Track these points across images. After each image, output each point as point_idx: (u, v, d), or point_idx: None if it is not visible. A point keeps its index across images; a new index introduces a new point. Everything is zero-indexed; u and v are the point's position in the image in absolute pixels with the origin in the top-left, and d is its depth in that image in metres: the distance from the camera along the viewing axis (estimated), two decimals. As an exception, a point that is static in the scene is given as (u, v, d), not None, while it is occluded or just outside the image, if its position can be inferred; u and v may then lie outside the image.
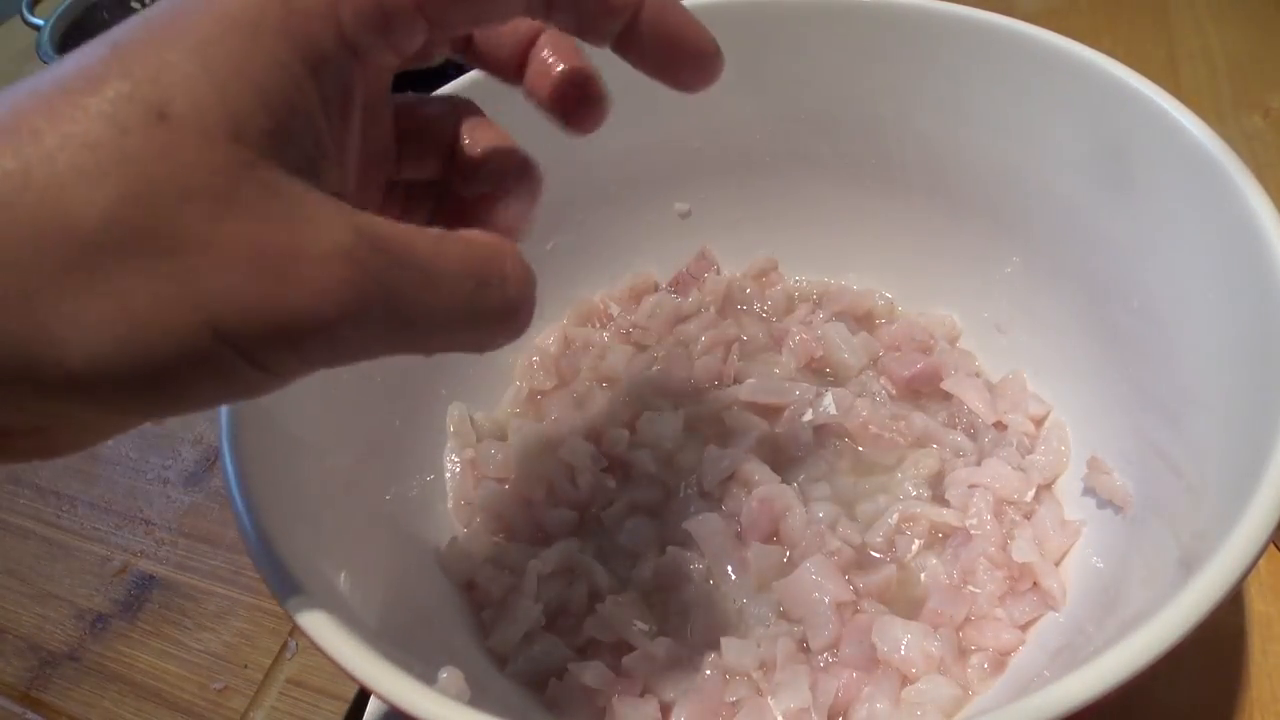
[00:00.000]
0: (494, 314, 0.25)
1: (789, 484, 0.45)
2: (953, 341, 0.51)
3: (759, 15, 0.47)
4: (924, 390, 0.49)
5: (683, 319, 0.55)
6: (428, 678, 0.28)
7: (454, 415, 0.49)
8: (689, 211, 0.56)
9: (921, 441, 0.47)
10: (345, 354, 0.22)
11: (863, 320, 0.53)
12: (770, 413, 0.49)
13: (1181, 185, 0.36)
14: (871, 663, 0.38)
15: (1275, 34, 0.75)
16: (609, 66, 0.52)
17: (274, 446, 0.35)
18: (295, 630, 0.51)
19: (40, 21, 0.81)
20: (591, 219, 0.54)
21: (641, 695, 0.39)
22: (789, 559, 0.43)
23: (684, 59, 0.28)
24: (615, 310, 0.55)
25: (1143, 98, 0.37)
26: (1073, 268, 0.44)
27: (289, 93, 0.21)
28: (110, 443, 0.65)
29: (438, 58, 0.30)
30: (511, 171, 0.31)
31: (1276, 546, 0.45)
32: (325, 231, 0.21)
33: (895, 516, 0.43)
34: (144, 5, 0.90)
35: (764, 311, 0.55)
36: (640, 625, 0.41)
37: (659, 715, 0.38)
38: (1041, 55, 0.40)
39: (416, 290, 0.22)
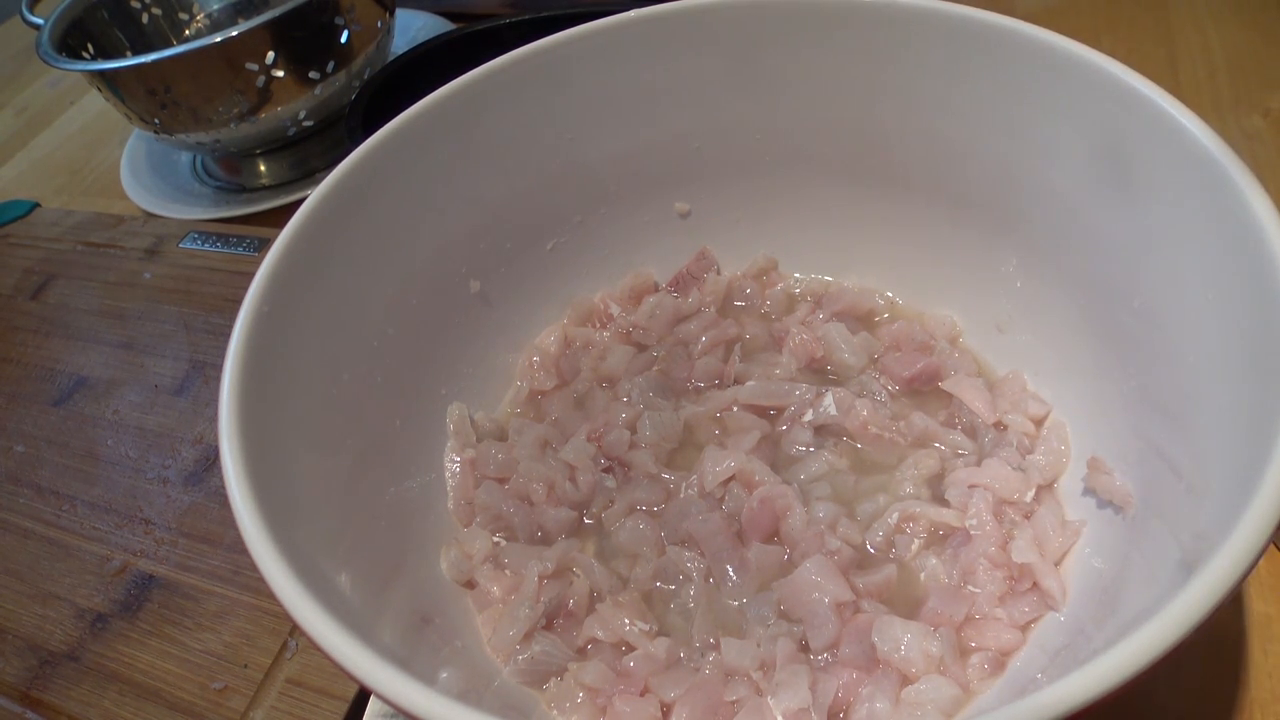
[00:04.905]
0: None
1: (789, 484, 0.45)
2: (953, 341, 0.51)
3: (759, 15, 0.47)
4: (924, 390, 0.49)
5: (683, 319, 0.55)
6: (428, 678, 0.28)
7: (454, 415, 0.50)
8: (689, 211, 0.56)
9: (921, 441, 0.47)
10: None
11: (863, 320, 0.53)
12: (770, 413, 0.49)
13: (1181, 185, 0.36)
14: (871, 662, 0.38)
15: (1275, 34, 0.75)
16: (612, 66, 0.52)
17: (274, 446, 0.36)
18: (295, 630, 0.51)
19: (40, 21, 0.81)
20: (591, 219, 0.54)
21: (641, 695, 0.39)
22: (789, 559, 0.43)
23: None
24: (615, 310, 0.55)
25: (1143, 98, 0.37)
26: (1073, 268, 0.44)
27: None
28: (110, 442, 0.65)
29: None
30: None
31: (1277, 547, 0.45)
32: None
33: (895, 516, 0.43)
34: (144, 5, 0.90)
35: (764, 311, 0.55)
36: (640, 625, 0.41)
37: (659, 715, 0.38)
38: (1041, 55, 0.40)
39: None
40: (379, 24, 0.83)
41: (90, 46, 0.84)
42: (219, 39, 0.70)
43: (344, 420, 0.42)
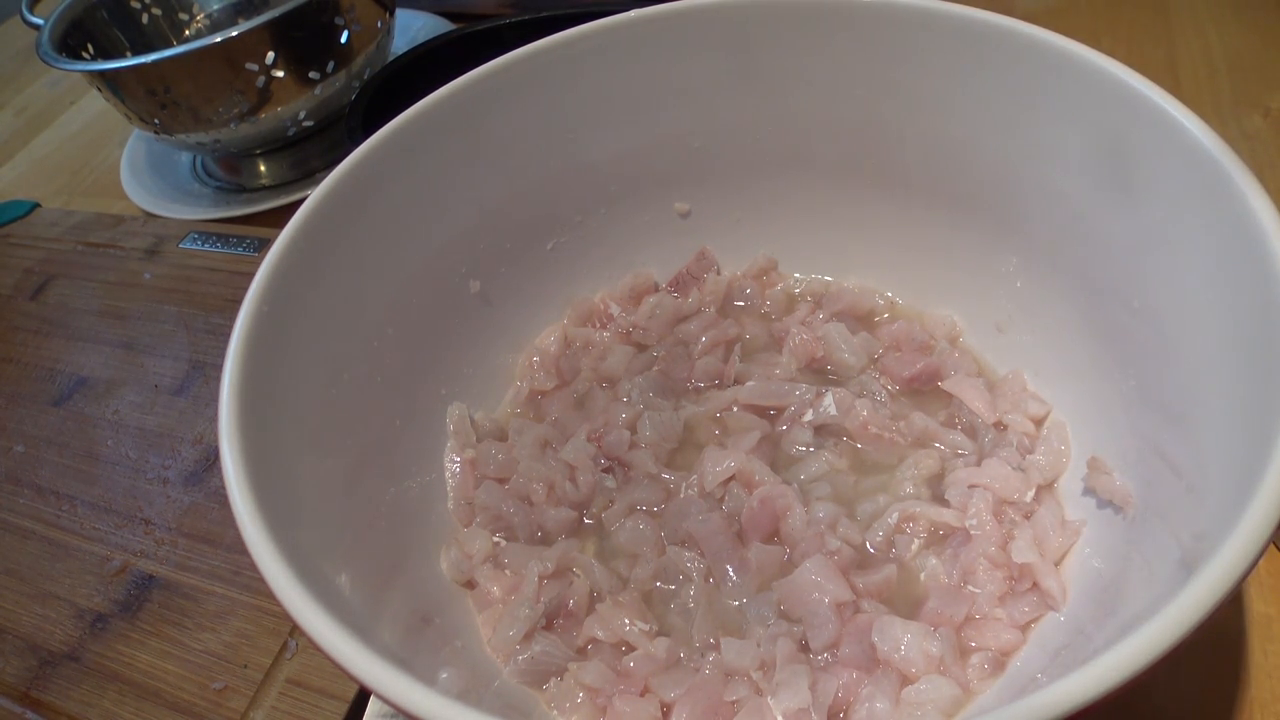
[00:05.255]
0: None
1: (789, 484, 0.45)
2: (953, 341, 0.51)
3: (759, 16, 0.47)
4: (924, 390, 0.49)
5: (683, 319, 0.55)
6: (428, 678, 0.28)
7: (454, 415, 0.50)
8: (689, 211, 0.56)
9: (921, 441, 0.47)
10: None
11: (863, 320, 0.53)
12: (770, 413, 0.49)
13: (1181, 185, 0.36)
14: (871, 663, 0.38)
15: (1275, 35, 0.75)
16: (612, 66, 0.52)
17: (274, 446, 0.36)
18: (295, 630, 0.51)
19: (40, 21, 0.81)
20: (591, 219, 0.54)
21: (641, 695, 0.39)
22: (789, 559, 0.43)
23: None
24: (615, 310, 0.55)
25: (1143, 98, 0.37)
26: (1073, 268, 0.44)
27: None
28: (110, 442, 0.65)
29: None
30: None
31: (1277, 547, 0.45)
32: None
33: (895, 516, 0.43)
34: (144, 5, 0.90)
35: (764, 311, 0.55)
36: (640, 625, 0.41)
37: (659, 715, 0.38)
38: (1041, 55, 0.40)
39: None
40: (379, 24, 0.83)
41: (90, 46, 0.84)
42: (219, 39, 0.70)
43: (344, 420, 0.42)
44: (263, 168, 0.87)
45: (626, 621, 0.41)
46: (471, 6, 0.99)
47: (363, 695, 0.47)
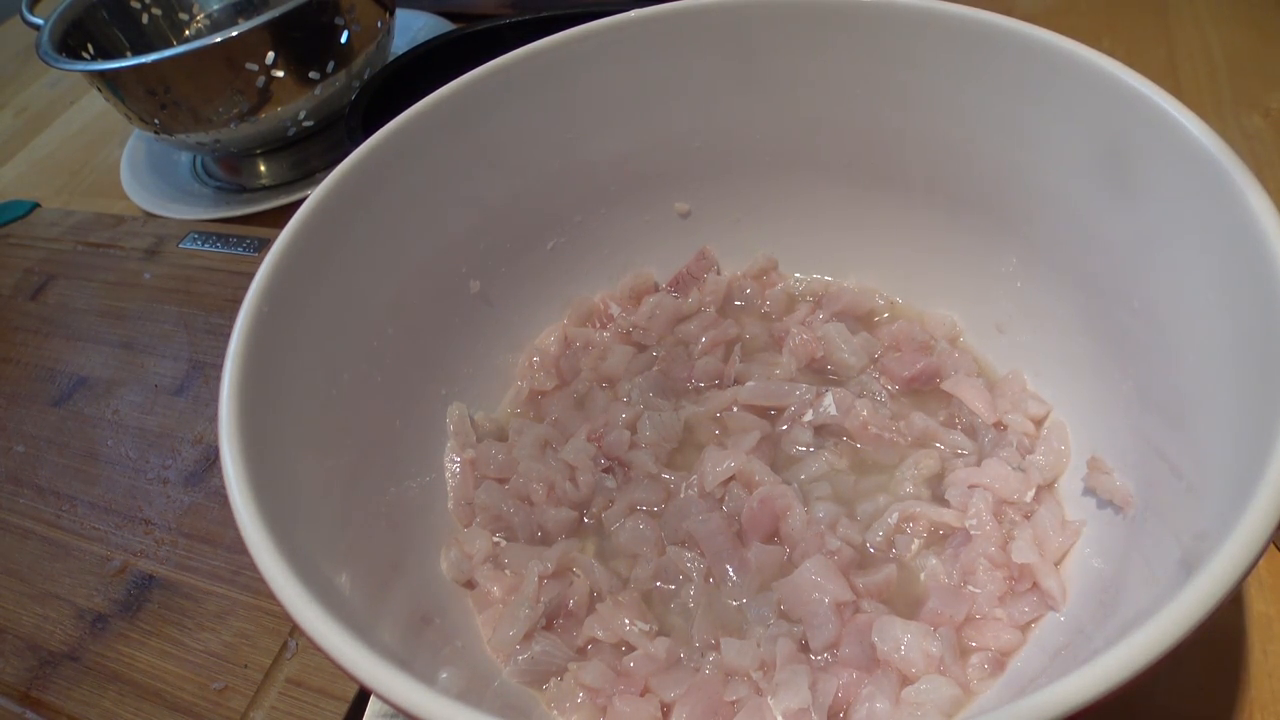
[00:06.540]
0: None
1: (789, 484, 0.45)
2: (953, 341, 0.51)
3: (759, 16, 0.47)
4: (924, 390, 0.49)
5: (683, 319, 0.55)
6: (428, 678, 0.28)
7: (454, 415, 0.50)
8: (689, 211, 0.56)
9: (921, 441, 0.47)
10: None
11: (863, 320, 0.53)
12: (770, 413, 0.49)
13: (1182, 185, 0.36)
14: (871, 662, 0.38)
15: (1275, 34, 0.75)
16: (612, 66, 0.52)
17: (274, 446, 0.36)
18: (295, 630, 0.51)
19: (40, 21, 0.81)
20: (591, 219, 0.54)
21: (641, 695, 0.39)
22: (789, 559, 0.43)
23: None
24: (615, 310, 0.55)
25: (1143, 98, 0.37)
26: (1073, 268, 0.44)
27: None
28: (110, 442, 0.65)
29: None
30: None
31: (1277, 547, 0.45)
32: None
33: (895, 516, 0.43)
34: (144, 5, 0.90)
35: (764, 311, 0.55)
36: (640, 625, 0.41)
37: (659, 715, 0.38)
38: (1041, 55, 0.40)
39: None
40: (379, 24, 0.83)
41: (90, 46, 0.84)
42: (219, 39, 0.70)
43: (344, 420, 0.42)
44: (263, 168, 0.87)
45: (626, 621, 0.41)
46: (471, 6, 0.99)
47: (363, 695, 0.47)
